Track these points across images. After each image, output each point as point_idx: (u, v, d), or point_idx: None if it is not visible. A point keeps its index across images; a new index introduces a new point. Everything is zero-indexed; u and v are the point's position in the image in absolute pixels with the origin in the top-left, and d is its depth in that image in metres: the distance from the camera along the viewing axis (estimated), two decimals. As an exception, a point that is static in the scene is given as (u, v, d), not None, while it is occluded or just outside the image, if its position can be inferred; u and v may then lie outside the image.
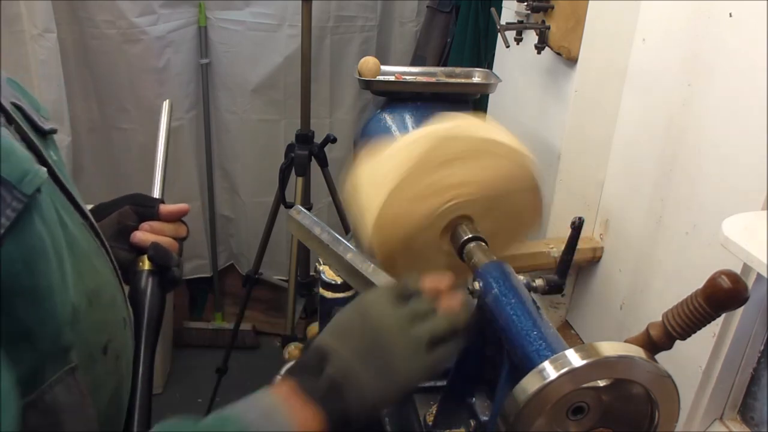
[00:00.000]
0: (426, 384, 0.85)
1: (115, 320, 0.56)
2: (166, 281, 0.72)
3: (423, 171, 0.75)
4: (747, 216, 0.84)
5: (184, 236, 0.78)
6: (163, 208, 0.76)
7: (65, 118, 1.91)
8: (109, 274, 0.56)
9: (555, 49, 1.25)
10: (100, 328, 0.52)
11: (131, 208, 0.74)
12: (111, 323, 0.55)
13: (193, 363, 2.58)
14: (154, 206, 0.75)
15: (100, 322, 0.52)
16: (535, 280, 0.76)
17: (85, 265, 0.50)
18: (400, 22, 2.39)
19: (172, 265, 0.72)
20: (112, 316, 0.55)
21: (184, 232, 0.78)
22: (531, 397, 0.53)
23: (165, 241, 0.73)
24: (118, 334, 0.56)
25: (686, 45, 1.04)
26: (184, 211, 0.77)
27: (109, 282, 0.56)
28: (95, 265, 0.53)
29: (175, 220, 0.77)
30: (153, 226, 0.74)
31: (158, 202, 0.77)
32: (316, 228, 0.82)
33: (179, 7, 2.16)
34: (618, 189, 1.27)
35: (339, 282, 0.80)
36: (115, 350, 0.55)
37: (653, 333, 0.56)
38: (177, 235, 0.76)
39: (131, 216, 0.74)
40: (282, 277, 2.56)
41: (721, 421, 1.03)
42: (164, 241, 0.73)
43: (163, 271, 0.72)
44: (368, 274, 0.74)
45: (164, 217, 0.75)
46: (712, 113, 0.98)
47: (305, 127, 1.81)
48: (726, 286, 0.51)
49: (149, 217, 0.75)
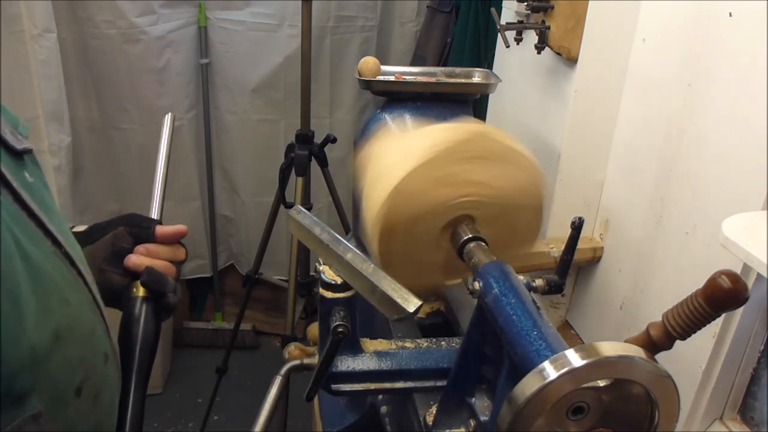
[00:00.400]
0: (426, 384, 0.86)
1: (92, 357, 0.51)
2: (161, 308, 0.67)
3: (452, 157, 0.76)
4: (747, 216, 0.84)
5: (183, 260, 0.73)
6: (160, 229, 0.71)
7: (65, 118, 1.91)
8: (85, 306, 0.51)
9: (555, 49, 1.25)
10: (72, 367, 0.47)
11: (126, 229, 0.70)
12: (87, 360, 0.50)
13: (193, 363, 2.58)
14: (150, 227, 0.71)
15: (72, 360, 0.47)
16: (535, 280, 0.76)
17: (54, 299, 0.46)
18: (400, 22, 2.39)
19: (168, 291, 0.67)
20: (89, 352, 0.50)
21: (183, 255, 0.73)
22: (531, 397, 0.53)
23: (161, 265, 0.69)
24: (97, 372, 0.52)
25: (686, 45, 1.04)
26: (182, 233, 0.72)
27: (84, 315, 0.51)
28: (68, 298, 0.48)
29: (173, 243, 0.72)
30: (149, 249, 0.69)
31: (155, 223, 0.72)
32: (316, 228, 0.82)
33: (179, 7, 2.16)
34: (618, 189, 1.27)
35: (339, 282, 0.80)
36: (93, 389, 0.50)
37: (653, 333, 0.56)
38: (174, 259, 0.72)
39: (126, 238, 0.70)
40: (282, 277, 2.56)
41: (721, 421, 1.03)
42: (160, 265, 0.69)
43: (158, 298, 0.67)
44: (368, 274, 0.74)
45: (161, 239, 0.71)
46: (712, 113, 0.98)
47: (305, 127, 1.81)
48: (726, 286, 0.51)
49: (145, 239, 0.70)
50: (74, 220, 2.04)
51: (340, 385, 0.83)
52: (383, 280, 0.73)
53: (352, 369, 0.83)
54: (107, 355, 0.54)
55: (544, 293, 0.78)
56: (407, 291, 0.71)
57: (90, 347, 0.50)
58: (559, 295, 1.41)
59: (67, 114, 1.92)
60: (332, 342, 0.77)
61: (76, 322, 0.48)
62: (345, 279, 0.79)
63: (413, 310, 0.69)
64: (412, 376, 0.85)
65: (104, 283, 0.66)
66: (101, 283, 0.65)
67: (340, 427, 1.14)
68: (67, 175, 1.94)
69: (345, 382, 0.84)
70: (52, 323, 0.45)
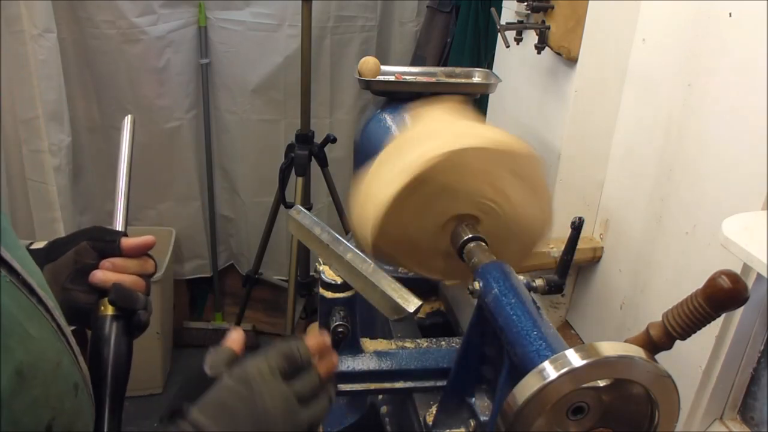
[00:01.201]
0: (426, 384, 0.86)
1: (61, 391, 0.47)
2: (132, 326, 0.63)
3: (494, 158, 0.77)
4: (747, 216, 0.84)
5: (152, 273, 0.68)
6: (126, 242, 0.66)
7: (65, 118, 1.91)
8: (49, 338, 0.47)
9: (555, 49, 1.25)
10: (39, 406, 0.44)
11: (89, 243, 0.65)
12: (55, 396, 0.46)
13: (193, 363, 2.58)
14: (115, 240, 0.66)
15: (39, 399, 0.43)
16: (535, 280, 0.77)
17: (14, 337, 0.42)
18: (400, 22, 2.39)
19: (138, 307, 0.64)
20: (57, 387, 0.46)
21: (152, 268, 0.68)
22: (531, 397, 0.53)
23: (129, 280, 0.65)
24: (67, 406, 0.48)
25: (686, 45, 1.04)
26: (150, 245, 0.67)
27: (50, 347, 0.47)
28: (29, 332, 0.44)
29: (140, 255, 0.67)
30: (115, 264, 0.65)
31: (119, 236, 0.67)
32: (316, 228, 0.82)
33: (179, 7, 2.16)
34: (618, 189, 1.27)
35: (339, 282, 0.80)
36: (64, 426, 0.46)
37: (653, 333, 0.56)
38: (143, 272, 0.67)
39: (89, 253, 0.65)
40: (282, 277, 2.56)
41: (721, 421, 1.03)
42: (128, 281, 0.64)
43: (129, 315, 0.63)
44: (368, 274, 0.74)
45: (127, 252, 0.66)
46: (712, 113, 0.98)
47: (305, 127, 1.81)
48: (726, 286, 0.51)
49: (110, 253, 0.65)
50: (74, 220, 2.05)
51: (340, 385, 0.83)
52: (383, 280, 0.73)
53: (352, 369, 0.83)
54: (77, 386, 0.50)
55: (544, 293, 0.78)
56: (407, 291, 0.71)
57: (57, 381, 0.46)
58: (559, 295, 1.41)
59: (67, 114, 1.92)
60: (332, 342, 0.77)
61: (40, 356, 0.45)
62: (345, 279, 0.79)
63: (413, 310, 0.69)
64: (412, 376, 0.85)
65: (69, 302, 0.63)
66: (66, 303, 0.62)
67: (340, 427, 1.14)
68: (67, 175, 1.94)
69: (345, 382, 0.84)
70: (16, 362, 0.41)
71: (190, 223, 2.48)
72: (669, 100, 1.08)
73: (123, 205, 0.73)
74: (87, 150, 2.27)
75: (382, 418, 1.05)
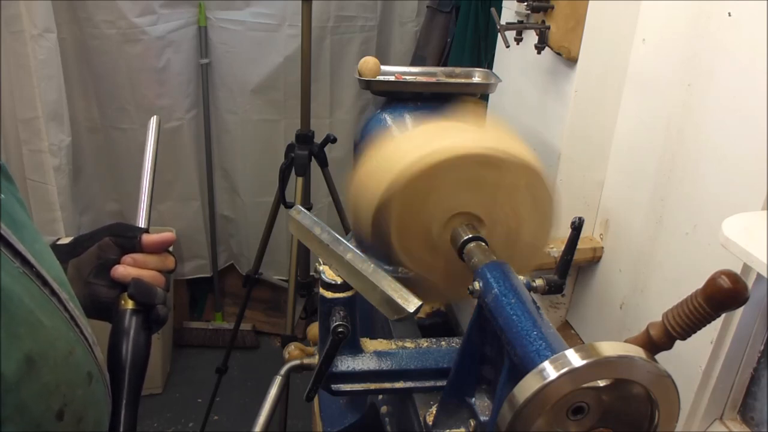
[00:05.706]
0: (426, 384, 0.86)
1: (73, 379, 0.48)
2: (151, 320, 0.65)
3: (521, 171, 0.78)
4: (747, 216, 0.84)
5: (172, 269, 0.71)
6: (146, 238, 0.68)
7: (65, 118, 1.91)
8: (62, 327, 0.48)
9: (555, 49, 1.25)
10: (50, 392, 0.45)
11: (111, 239, 0.68)
12: (67, 383, 0.47)
13: (193, 363, 2.59)
14: (136, 236, 0.68)
15: (49, 385, 0.44)
16: (535, 280, 0.76)
17: (24, 325, 0.43)
18: (400, 22, 2.40)
19: (157, 302, 0.65)
20: (69, 374, 0.48)
21: (172, 264, 0.71)
22: (531, 397, 0.53)
23: (149, 276, 0.67)
24: (80, 393, 0.49)
25: (686, 45, 1.04)
26: (170, 241, 0.70)
27: (61, 336, 0.48)
28: (41, 320, 0.45)
29: (161, 251, 0.70)
30: (136, 259, 0.67)
31: (141, 232, 0.69)
32: (316, 228, 0.82)
33: (179, 7, 2.16)
34: (618, 189, 1.27)
35: (339, 282, 0.80)
36: (76, 412, 0.47)
37: (653, 333, 0.56)
38: (163, 268, 0.69)
39: (112, 248, 0.68)
40: (282, 277, 2.57)
41: (721, 421, 1.03)
42: (148, 276, 0.66)
43: (148, 309, 0.65)
44: (368, 274, 0.74)
45: (147, 248, 0.68)
46: (712, 113, 0.98)
47: (305, 127, 1.81)
48: (726, 286, 0.51)
49: (131, 249, 0.68)
50: (74, 220, 2.05)
51: (340, 385, 0.83)
52: (383, 280, 0.72)
53: (352, 369, 0.83)
54: (91, 375, 0.51)
55: (544, 293, 0.78)
56: (407, 291, 0.71)
57: (69, 369, 0.48)
58: (559, 295, 1.41)
59: (67, 114, 1.92)
60: (332, 342, 0.77)
61: (51, 344, 0.46)
62: (345, 279, 0.79)
63: (413, 310, 0.69)
64: (412, 376, 0.85)
65: (92, 296, 0.65)
66: (89, 297, 0.65)
67: (340, 427, 1.15)
68: (67, 175, 1.94)
69: (345, 382, 0.84)
70: (25, 349, 0.42)
71: (190, 223, 2.48)
72: (669, 100, 1.08)
73: (146, 202, 0.75)
74: (87, 150, 2.27)
75: (382, 418, 1.05)
